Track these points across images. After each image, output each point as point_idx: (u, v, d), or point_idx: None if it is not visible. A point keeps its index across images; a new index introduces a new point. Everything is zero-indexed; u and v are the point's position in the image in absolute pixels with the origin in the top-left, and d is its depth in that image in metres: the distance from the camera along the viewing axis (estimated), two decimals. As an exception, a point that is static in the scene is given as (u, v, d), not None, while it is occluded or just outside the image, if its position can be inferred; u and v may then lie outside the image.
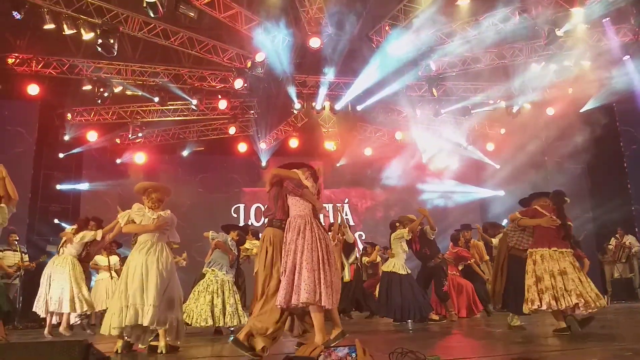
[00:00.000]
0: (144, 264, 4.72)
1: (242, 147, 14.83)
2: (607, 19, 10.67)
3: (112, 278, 9.22)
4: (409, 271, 7.77)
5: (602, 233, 12.89)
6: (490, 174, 15.18)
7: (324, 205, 12.17)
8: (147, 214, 5.01)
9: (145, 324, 4.53)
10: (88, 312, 7.42)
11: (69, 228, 7.32)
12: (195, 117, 13.81)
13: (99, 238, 7.24)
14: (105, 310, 9.29)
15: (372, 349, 4.25)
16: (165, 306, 4.67)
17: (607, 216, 12.15)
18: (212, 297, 6.73)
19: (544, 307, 5.14)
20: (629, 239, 10.83)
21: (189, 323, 6.50)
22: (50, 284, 6.96)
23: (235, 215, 14.92)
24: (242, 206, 15.21)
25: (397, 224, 7.92)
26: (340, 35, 11.14)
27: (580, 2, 9.98)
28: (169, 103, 12.67)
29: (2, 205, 5.27)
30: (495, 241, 8.03)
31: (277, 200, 4.62)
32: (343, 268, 7.91)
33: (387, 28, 10.97)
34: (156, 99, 12.00)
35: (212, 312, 6.65)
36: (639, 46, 11.02)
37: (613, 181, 12.60)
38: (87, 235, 7.20)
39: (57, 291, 6.90)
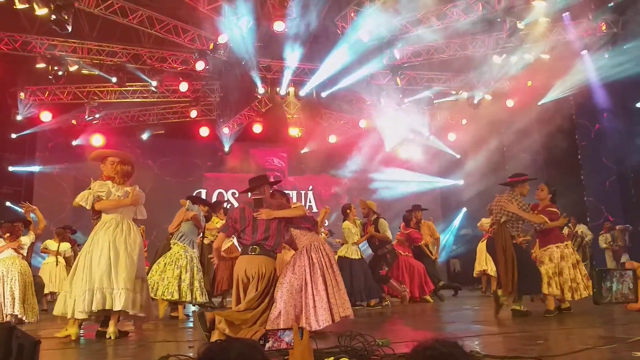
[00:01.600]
0: (112, 245, 4.47)
1: (204, 131, 14.55)
2: (567, 13, 10.90)
3: (57, 264, 9.06)
4: (362, 255, 8.00)
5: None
6: (451, 164, 15.44)
7: (288, 192, 12.27)
8: (112, 190, 4.67)
9: (117, 308, 4.35)
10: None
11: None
12: (155, 100, 13.46)
13: (33, 240, 7.14)
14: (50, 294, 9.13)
15: (323, 333, 4.26)
16: (138, 288, 4.52)
17: (561, 206, 12.50)
18: (181, 272, 6.59)
19: (568, 298, 5.66)
20: (581, 228, 11.19)
21: (154, 296, 6.35)
22: None
23: (196, 201, 14.67)
24: (204, 191, 14.97)
25: (348, 211, 8.13)
26: (305, 20, 11.01)
27: (542, -5, 10.15)
28: (127, 84, 12.29)
29: None
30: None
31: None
32: None
33: (352, 14, 10.91)
34: (114, 80, 11.62)
35: (179, 286, 6.54)
36: (597, 41, 11.31)
37: (568, 173, 12.98)
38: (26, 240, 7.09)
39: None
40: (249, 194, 4.76)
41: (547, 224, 5.81)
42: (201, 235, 7.40)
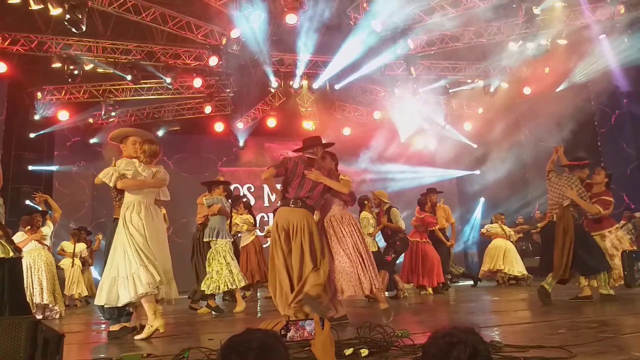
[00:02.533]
0: (148, 230, 4.21)
1: (219, 127, 14.60)
2: (585, -3, 10.68)
3: (73, 266, 9.16)
4: (378, 248, 8.00)
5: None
6: (467, 154, 15.28)
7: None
8: (138, 169, 4.38)
9: (174, 296, 4.30)
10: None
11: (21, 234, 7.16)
12: (169, 96, 13.54)
13: (52, 229, 7.21)
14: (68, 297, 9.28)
15: (341, 324, 4.27)
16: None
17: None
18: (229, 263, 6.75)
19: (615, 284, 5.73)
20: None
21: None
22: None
23: (212, 196, 14.77)
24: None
25: (365, 202, 8.11)
26: (318, 12, 10.94)
27: (558, -21, 9.96)
28: (142, 81, 12.38)
29: None
30: None
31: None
32: None
33: (365, 4, 10.81)
34: (129, 77, 11.71)
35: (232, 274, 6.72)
36: (614, 25, 11.06)
37: (588, 159, 12.75)
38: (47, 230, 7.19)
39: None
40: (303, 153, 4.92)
41: (601, 213, 5.87)
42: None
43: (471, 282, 10.37)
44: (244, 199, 10.22)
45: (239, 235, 9.01)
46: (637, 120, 11.95)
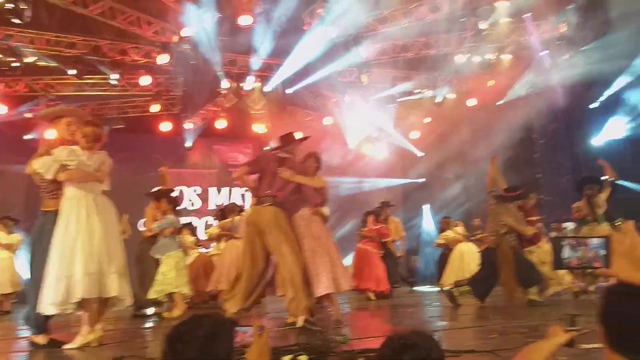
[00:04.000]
0: (103, 222, 3.89)
1: (166, 126, 14.24)
2: (529, 14, 11.15)
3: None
4: None
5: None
6: (413, 162, 15.61)
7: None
8: (82, 158, 3.95)
9: (113, 294, 3.84)
10: None
11: None
12: (115, 93, 13.10)
13: None
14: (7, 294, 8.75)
15: (284, 331, 4.26)
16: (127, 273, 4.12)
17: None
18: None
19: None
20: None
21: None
22: None
23: (158, 197, 14.39)
24: (165, 187, 14.69)
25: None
26: (272, 15, 10.93)
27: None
28: (86, 77, 11.93)
29: None
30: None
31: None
32: None
33: (319, 10, 10.89)
34: (73, 72, 11.27)
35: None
36: (556, 42, 11.63)
37: (526, 172, 13.32)
38: None
39: None
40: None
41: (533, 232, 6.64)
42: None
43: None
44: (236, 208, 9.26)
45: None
46: (573, 133, 12.61)
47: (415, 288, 10.58)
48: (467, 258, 10.14)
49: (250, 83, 12.64)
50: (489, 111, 13.05)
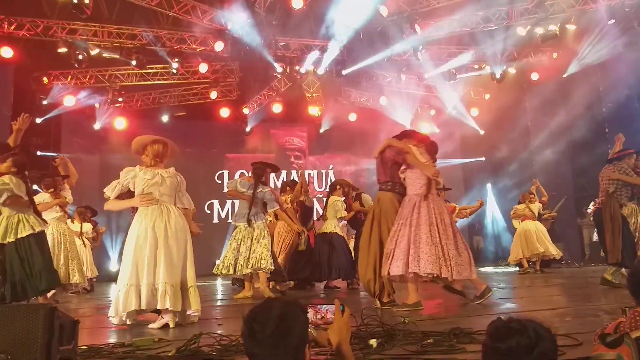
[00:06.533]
0: (150, 232, 4.01)
1: (225, 112, 14.58)
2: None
3: (86, 246, 9.12)
4: (345, 235, 8.13)
5: (581, 197, 13.10)
6: (474, 140, 15.20)
7: (309, 171, 12.51)
8: (139, 173, 4.14)
9: (163, 306, 3.96)
10: None
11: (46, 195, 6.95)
12: (175, 81, 13.51)
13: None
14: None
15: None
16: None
17: (586, 180, 12.33)
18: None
19: None
20: None
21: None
22: None
23: (219, 182, 14.79)
24: (225, 172, 15.07)
25: (337, 187, 8.02)
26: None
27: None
28: (148, 67, 12.35)
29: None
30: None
31: (382, 166, 5.16)
32: (300, 235, 7.58)
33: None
34: (134, 62, 11.68)
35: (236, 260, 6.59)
36: (624, 9, 10.91)
37: (594, 145, 12.71)
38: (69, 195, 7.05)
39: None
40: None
41: None
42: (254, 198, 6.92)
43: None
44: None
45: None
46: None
47: (479, 269, 10.36)
48: (530, 237, 9.89)
49: (304, 66, 12.65)
50: (554, 85, 12.48)
